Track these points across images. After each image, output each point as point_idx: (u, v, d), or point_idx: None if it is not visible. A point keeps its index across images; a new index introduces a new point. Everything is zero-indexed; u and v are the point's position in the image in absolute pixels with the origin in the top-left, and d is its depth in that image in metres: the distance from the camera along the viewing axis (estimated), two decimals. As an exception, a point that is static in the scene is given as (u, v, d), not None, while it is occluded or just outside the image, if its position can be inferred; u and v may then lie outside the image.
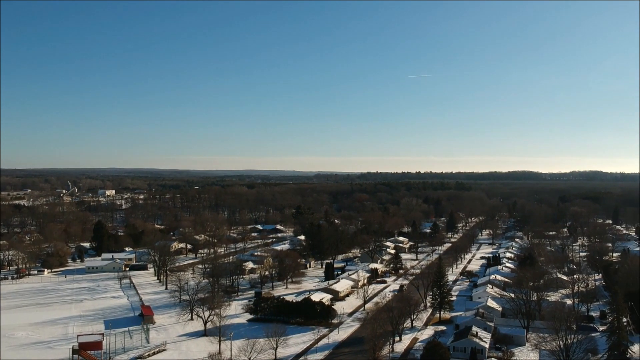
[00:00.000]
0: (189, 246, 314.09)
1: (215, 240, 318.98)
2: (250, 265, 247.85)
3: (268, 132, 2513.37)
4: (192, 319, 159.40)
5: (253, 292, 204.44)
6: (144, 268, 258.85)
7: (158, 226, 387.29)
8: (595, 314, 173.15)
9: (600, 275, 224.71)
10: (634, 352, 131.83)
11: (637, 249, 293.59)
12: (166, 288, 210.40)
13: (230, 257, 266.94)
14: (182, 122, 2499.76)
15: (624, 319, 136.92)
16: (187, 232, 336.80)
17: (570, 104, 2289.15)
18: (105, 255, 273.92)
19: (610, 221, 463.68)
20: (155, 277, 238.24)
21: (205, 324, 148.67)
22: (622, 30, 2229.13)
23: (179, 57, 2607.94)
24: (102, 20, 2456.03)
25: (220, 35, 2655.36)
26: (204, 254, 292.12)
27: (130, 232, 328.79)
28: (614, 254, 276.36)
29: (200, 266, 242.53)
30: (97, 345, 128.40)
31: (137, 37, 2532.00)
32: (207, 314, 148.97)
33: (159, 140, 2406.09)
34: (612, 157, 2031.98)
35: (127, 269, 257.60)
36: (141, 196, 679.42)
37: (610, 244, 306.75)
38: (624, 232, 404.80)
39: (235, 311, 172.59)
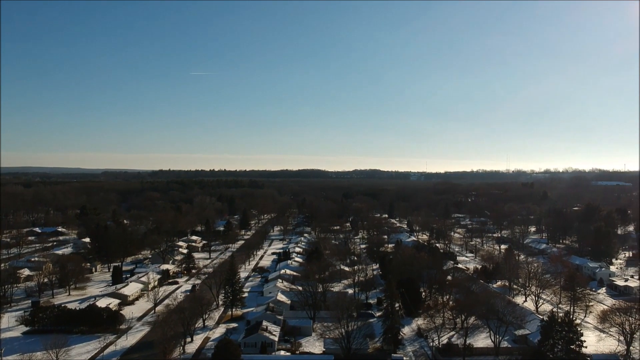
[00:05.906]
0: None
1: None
2: (26, 272, 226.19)
3: (49, 123, 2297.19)
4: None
5: (30, 301, 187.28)
6: None
7: None
8: (373, 301, 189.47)
9: (378, 265, 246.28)
10: (404, 334, 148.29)
11: (408, 240, 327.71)
12: None
13: (2, 265, 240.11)
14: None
15: (397, 305, 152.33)
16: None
17: (352, 105, 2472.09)
18: None
19: (386, 215, 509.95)
20: None
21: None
22: (395, 35, 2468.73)
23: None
24: None
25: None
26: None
27: None
28: (389, 245, 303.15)
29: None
30: None
31: None
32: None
33: None
34: (388, 157, 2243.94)
35: None
36: None
37: (386, 236, 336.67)
38: (398, 225, 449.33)
39: (8, 324, 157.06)
